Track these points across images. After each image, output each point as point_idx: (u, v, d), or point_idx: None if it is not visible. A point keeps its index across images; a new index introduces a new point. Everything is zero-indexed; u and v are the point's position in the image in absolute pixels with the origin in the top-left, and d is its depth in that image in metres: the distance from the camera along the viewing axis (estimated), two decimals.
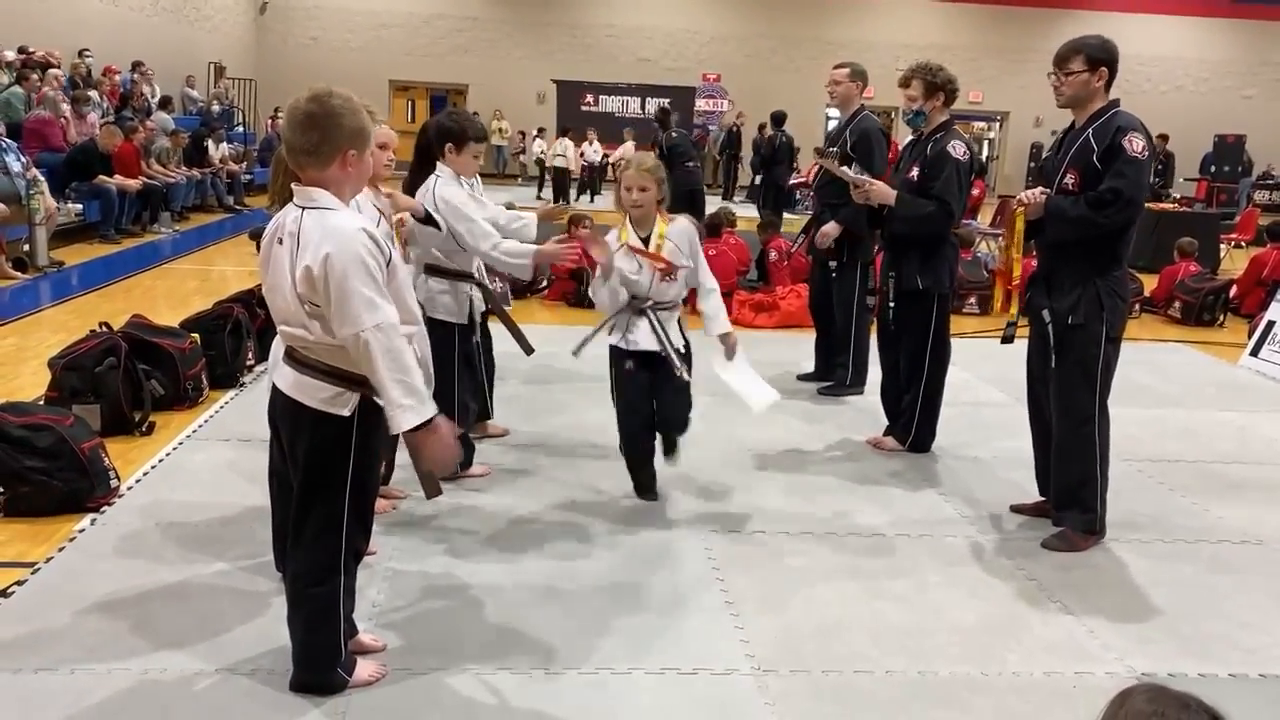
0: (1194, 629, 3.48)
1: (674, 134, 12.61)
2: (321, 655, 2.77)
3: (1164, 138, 19.60)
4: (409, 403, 2.50)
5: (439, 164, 4.26)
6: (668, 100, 20.36)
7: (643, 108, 24.11)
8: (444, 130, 4.28)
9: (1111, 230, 3.88)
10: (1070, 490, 4.07)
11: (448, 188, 4.20)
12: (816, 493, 4.59)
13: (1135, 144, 3.83)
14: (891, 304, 5.03)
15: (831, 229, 5.84)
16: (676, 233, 4.21)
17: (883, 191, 5.03)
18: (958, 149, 4.87)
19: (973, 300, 9.25)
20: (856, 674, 3.08)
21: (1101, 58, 3.92)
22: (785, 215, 13.59)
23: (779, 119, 15.27)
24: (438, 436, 2.56)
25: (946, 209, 4.84)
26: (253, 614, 3.22)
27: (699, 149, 18.28)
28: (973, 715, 2.91)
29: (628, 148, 20.65)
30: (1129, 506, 4.40)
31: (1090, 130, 3.94)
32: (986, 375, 6.71)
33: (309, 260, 2.48)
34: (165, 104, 15.62)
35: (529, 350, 4.68)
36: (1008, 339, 4.25)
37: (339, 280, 2.46)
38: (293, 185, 2.64)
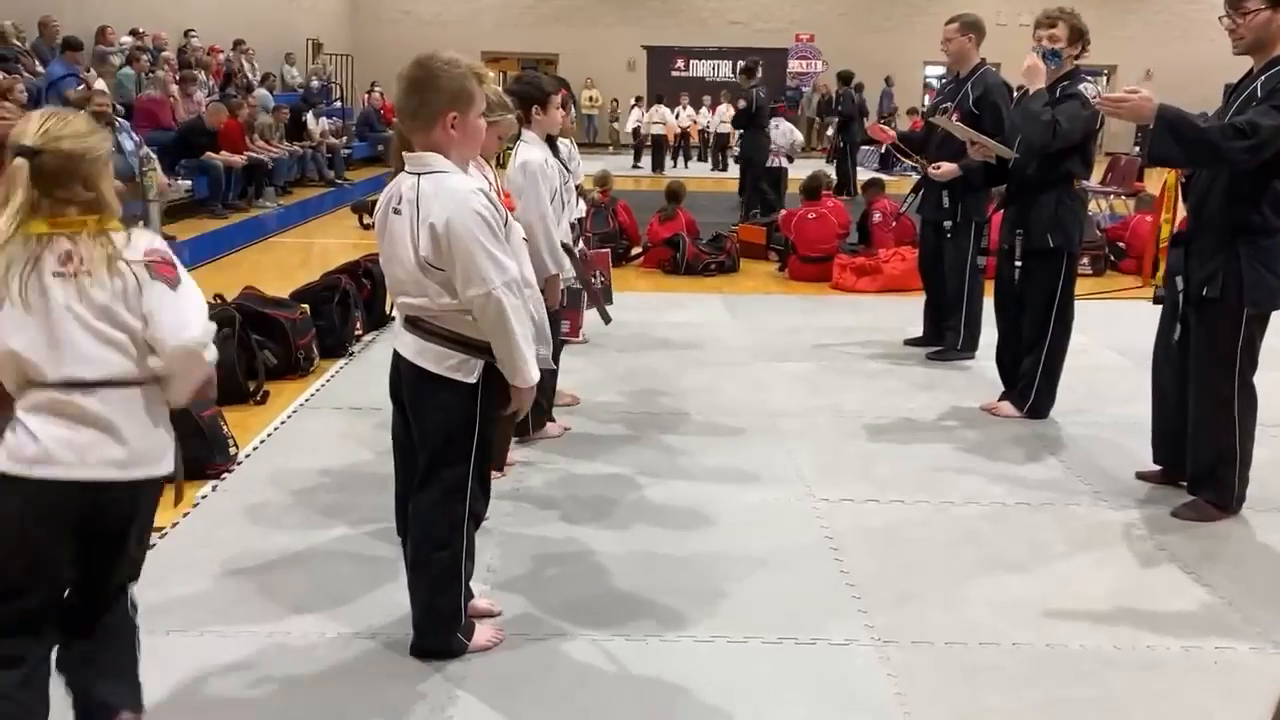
0: None
1: (761, 92, 12.32)
2: (442, 620, 2.79)
3: None
4: (531, 357, 2.61)
5: (524, 131, 4.23)
6: (742, 61, 20.16)
7: (734, 71, 23.80)
8: (526, 97, 4.23)
9: (1234, 165, 3.48)
10: (1207, 468, 3.86)
11: (529, 151, 4.17)
12: (931, 460, 4.47)
13: None
14: (1018, 263, 4.83)
15: (949, 168, 5.61)
16: None
17: (1001, 147, 4.81)
18: (1088, 90, 4.67)
19: (1085, 261, 8.88)
20: (982, 646, 2.99)
21: None
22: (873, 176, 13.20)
23: (846, 78, 15.22)
24: (533, 391, 2.69)
25: (1055, 122, 4.54)
26: (373, 579, 3.26)
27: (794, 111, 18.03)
28: (1108, 690, 2.79)
29: (723, 110, 20.56)
30: (1266, 475, 4.17)
31: (1264, 76, 3.56)
32: (1104, 339, 6.44)
33: (433, 221, 2.49)
34: (265, 80, 15.97)
35: (606, 320, 4.98)
36: (1159, 300, 3.98)
37: (464, 241, 2.48)
38: (404, 154, 2.64)
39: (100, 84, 10.81)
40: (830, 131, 18.24)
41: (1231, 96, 3.74)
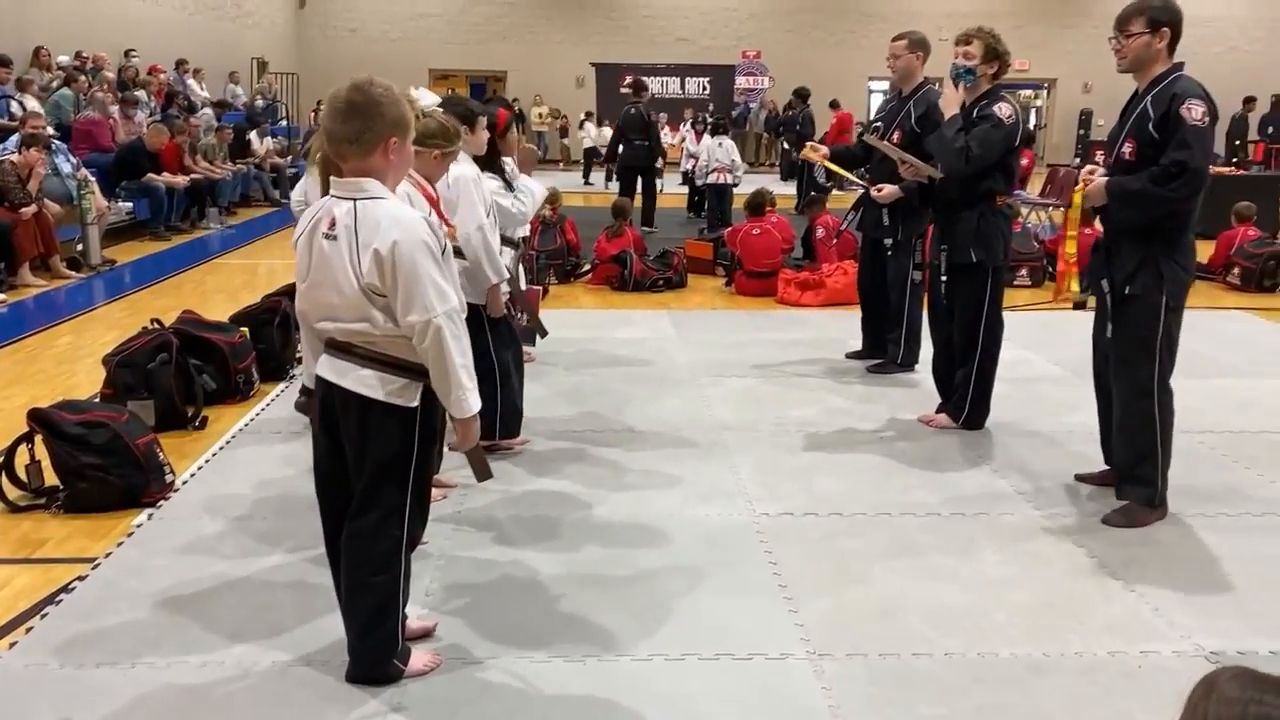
0: (1263, 605, 3.38)
1: (633, 110, 12.67)
2: (379, 646, 2.78)
3: (1251, 100, 19.73)
4: (470, 386, 2.61)
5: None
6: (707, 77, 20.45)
7: (682, 88, 24.08)
8: (456, 118, 4.27)
9: (1179, 203, 3.80)
10: (1131, 465, 4.00)
11: (459, 168, 4.19)
12: (868, 472, 4.53)
13: (1195, 111, 3.74)
14: (943, 278, 4.95)
15: (891, 190, 5.72)
16: None
17: (929, 168, 4.94)
18: (1002, 110, 4.78)
19: (1024, 273, 9.08)
20: (915, 657, 3.04)
21: (1164, 19, 3.84)
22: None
23: (804, 95, 15.59)
24: (476, 420, 2.69)
25: (967, 149, 4.72)
26: (309, 606, 3.24)
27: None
28: (1036, 697, 2.85)
29: (590, 127, 20.77)
30: (1192, 480, 4.29)
31: (1149, 97, 3.87)
32: (1041, 350, 6.58)
33: (376, 246, 2.50)
34: (219, 104, 15.79)
35: (543, 333, 5.15)
36: (1079, 305, 4.20)
37: (409, 267, 2.50)
38: (334, 179, 2.63)
39: (33, 104, 10.64)
40: (787, 147, 18.42)
41: (1125, 114, 4.00)
